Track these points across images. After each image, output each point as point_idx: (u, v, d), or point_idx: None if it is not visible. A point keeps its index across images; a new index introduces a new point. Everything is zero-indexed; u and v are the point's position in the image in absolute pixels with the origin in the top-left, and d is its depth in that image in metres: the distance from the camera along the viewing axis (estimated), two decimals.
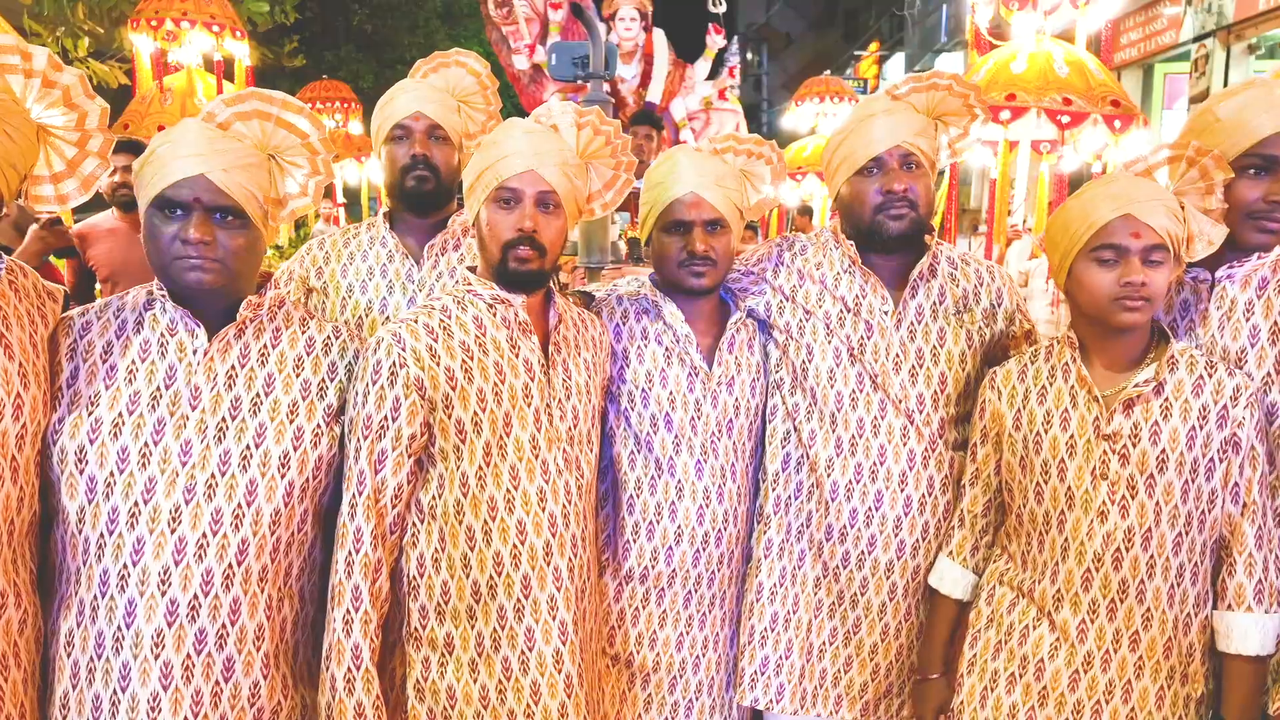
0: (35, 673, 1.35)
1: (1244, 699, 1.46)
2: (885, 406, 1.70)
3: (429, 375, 1.46)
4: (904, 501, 1.69)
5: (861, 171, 1.68)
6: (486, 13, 6.59)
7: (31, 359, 1.33)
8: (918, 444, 1.69)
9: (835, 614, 1.76)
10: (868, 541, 1.71)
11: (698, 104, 6.43)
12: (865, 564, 1.72)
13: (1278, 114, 1.48)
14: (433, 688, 1.51)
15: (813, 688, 1.77)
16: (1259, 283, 1.54)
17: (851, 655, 1.76)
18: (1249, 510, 1.44)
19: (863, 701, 1.78)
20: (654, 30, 6.11)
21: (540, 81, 6.37)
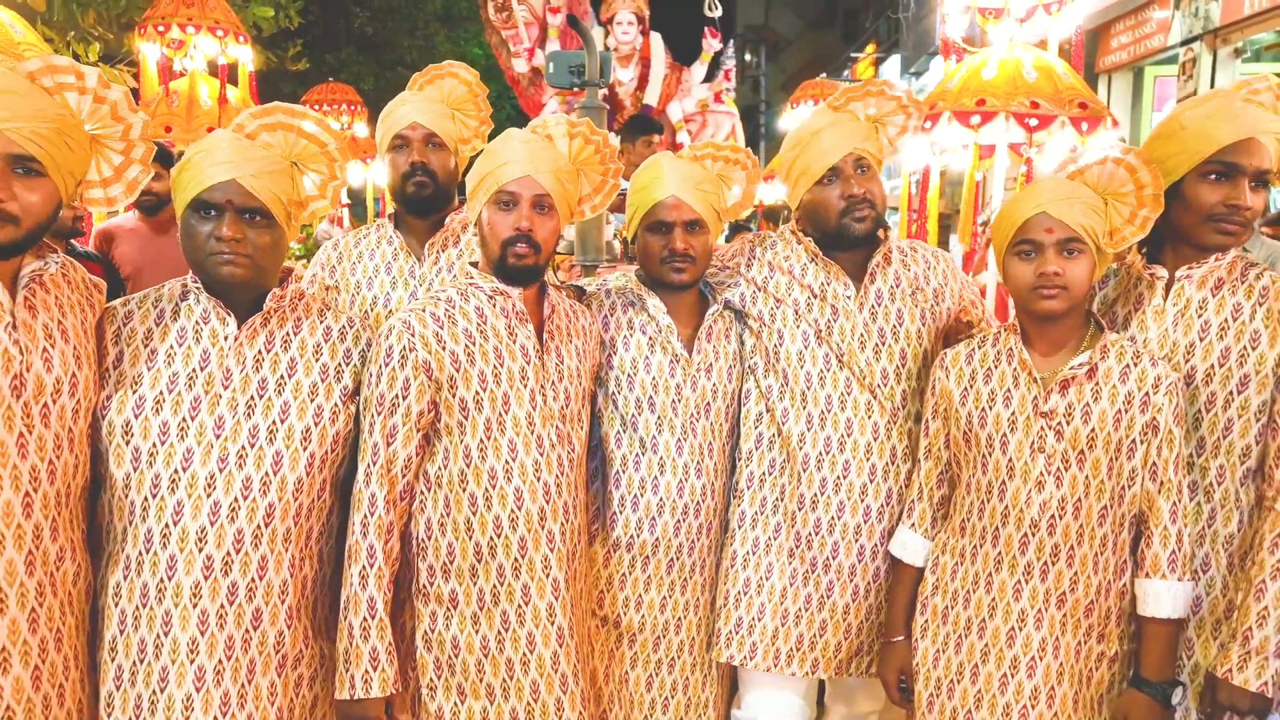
0: (85, 620, 1.52)
1: (1159, 658, 1.63)
2: (851, 383, 1.87)
3: (435, 358, 1.63)
4: (869, 469, 1.87)
5: (821, 181, 1.86)
6: (486, 17, 6.70)
7: (83, 343, 1.50)
8: (881, 416, 1.87)
9: (810, 581, 1.92)
10: (837, 508, 1.88)
11: (694, 106, 6.50)
12: (835, 529, 1.89)
13: (1238, 124, 1.62)
14: (439, 638, 1.69)
15: (788, 649, 1.93)
16: (1214, 282, 1.70)
17: (826, 619, 1.93)
18: (1165, 488, 1.61)
19: (837, 660, 1.95)
20: (651, 34, 6.23)
21: (539, 84, 6.42)
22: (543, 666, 1.68)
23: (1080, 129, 4.95)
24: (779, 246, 2.00)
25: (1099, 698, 1.67)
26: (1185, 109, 1.69)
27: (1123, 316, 1.78)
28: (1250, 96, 1.64)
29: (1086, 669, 1.65)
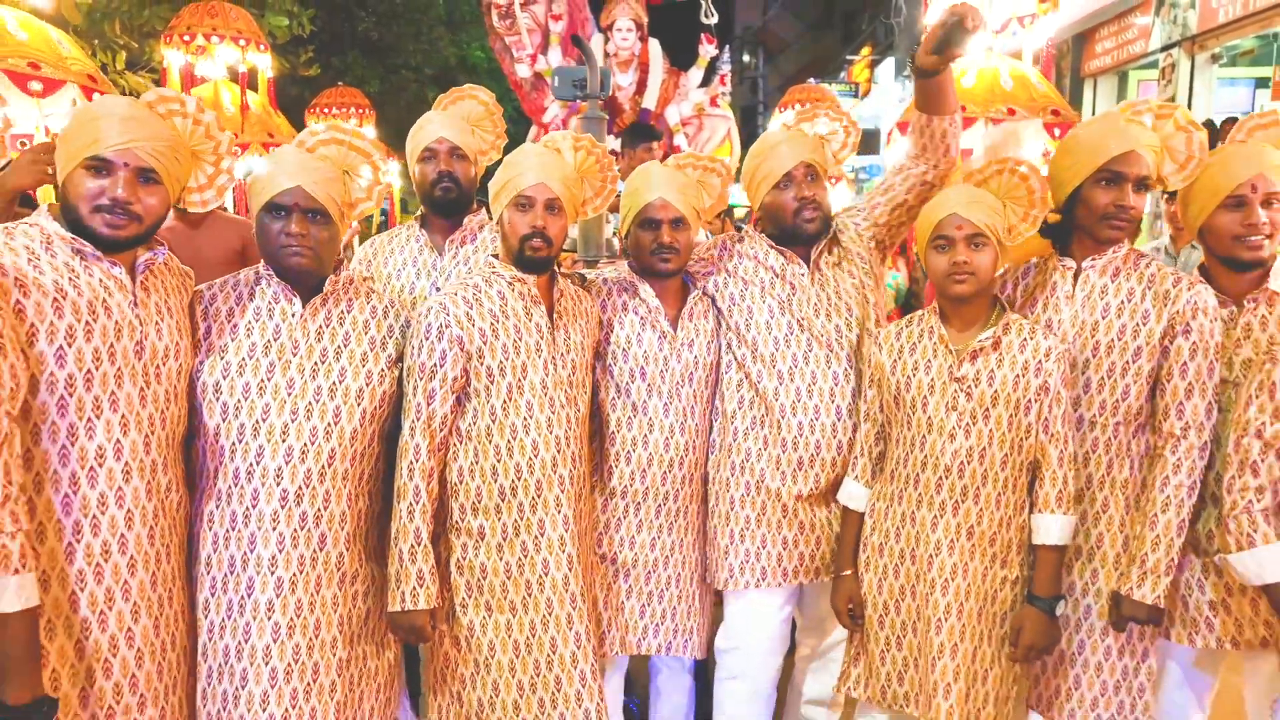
0: (185, 542, 1.87)
1: (1047, 578, 1.99)
2: (811, 343, 2.23)
3: (466, 333, 1.98)
4: (835, 410, 2.22)
5: (778, 186, 2.22)
6: (490, 23, 6.92)
7: (182, 318, 1.85)
8: (838, 366, 2.22)
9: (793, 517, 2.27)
10: (814, 446, 2.23)
11: (691, 110, 6.60)
12: (816, 463, 2.24)
13: (1122, 139, 1.97)
14: (469, 565, 2.04)
15: (789, 568, 2.29)
16: (1113, 271, 2.05)
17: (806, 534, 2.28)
18: (1054, 438, 1.96)
19: (817, 564, 2.30)
20: (649, 40, 6.39)
21: (541, 89, 6.59)
22: (555, 587, 2.03)
23: (1053, 134, 5.31)
24: (747, 241, 2.35)
25: (1003, 614, 2.02)
26: (1081, 128, 2.05)
27: (1042, 301, 2.12)
28: (1133, 117, 1.99)
29: (991, 589, 2.00)
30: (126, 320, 1.70)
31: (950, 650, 1.98)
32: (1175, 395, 1.94)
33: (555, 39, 6.42)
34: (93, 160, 1.64)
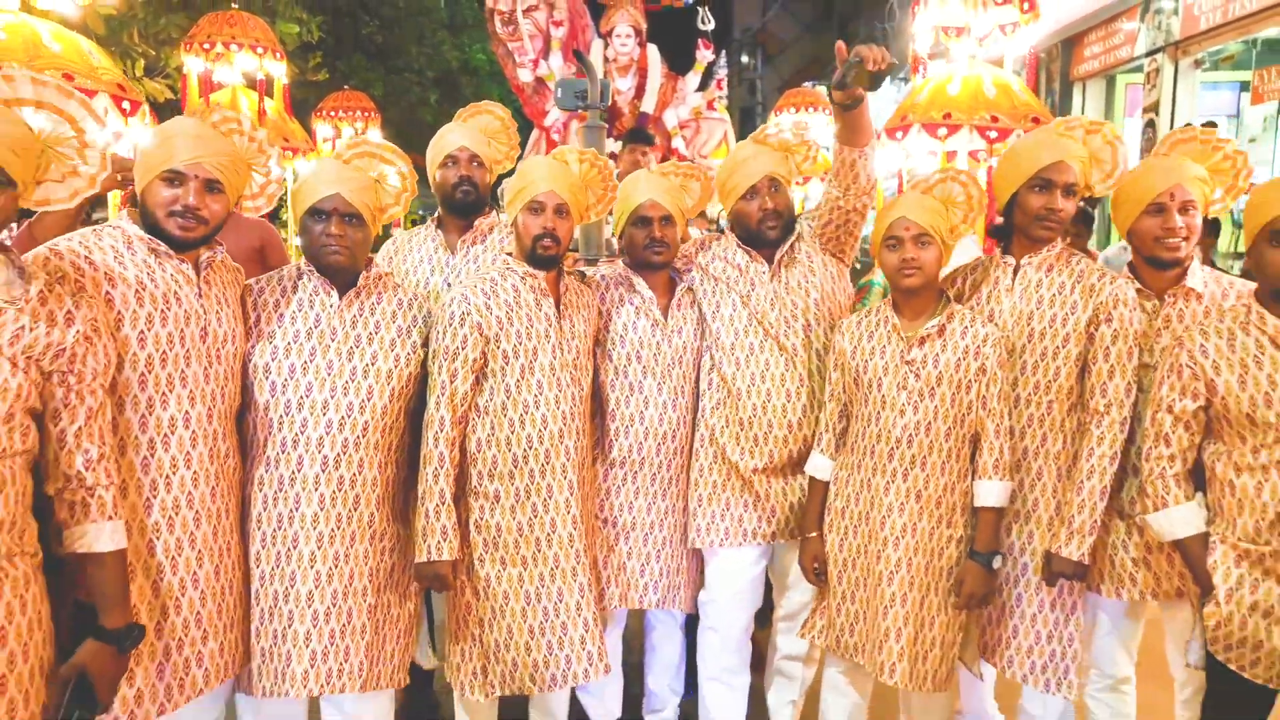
0: (239, 502, 2.15)
1: (986, 536, 2.28)
2: (764, 335, 2.51)
3: (485, 320, 2.27)
4: (785, 393, 2.51)
5: (744, 196, 2.51)
6: (494, 29, 7.17)
7: (236, 308, 2.14)
8: (788, 355, 2.51)
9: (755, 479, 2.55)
10: (767, 424, 2.52)
11: (688, 113, 6.88)
12: (769, 439, 2.52)
13: (1053, 150, 2.27)
14: (486, 524, 2.33)
15: (750, 529, 2.58)
16: (1046, 267, 2.34)
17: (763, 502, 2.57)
18: (991, 414, 2.25)
19: (774, 529, 2.59)
20: (648, 46, 6.62)
21: (543, 93, 6.84)
22: (562, 544, 2.32)
23: None
24: (721, 242, 2.65)
25: (948, 568, 2.30)
26: (1018, 141, 2.35)
27: (986, 293, 2.41)
28: (1065, 132, 2.28)
29: (938, 547, 2.29)
30: (193, 309, 1.99)
31: (900, 599, 2.27)
32: (1099, 376, 2.23)
33: (556, 44, 6.70)
34: (168, 173, 1.92)
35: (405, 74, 15.02)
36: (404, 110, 15.25)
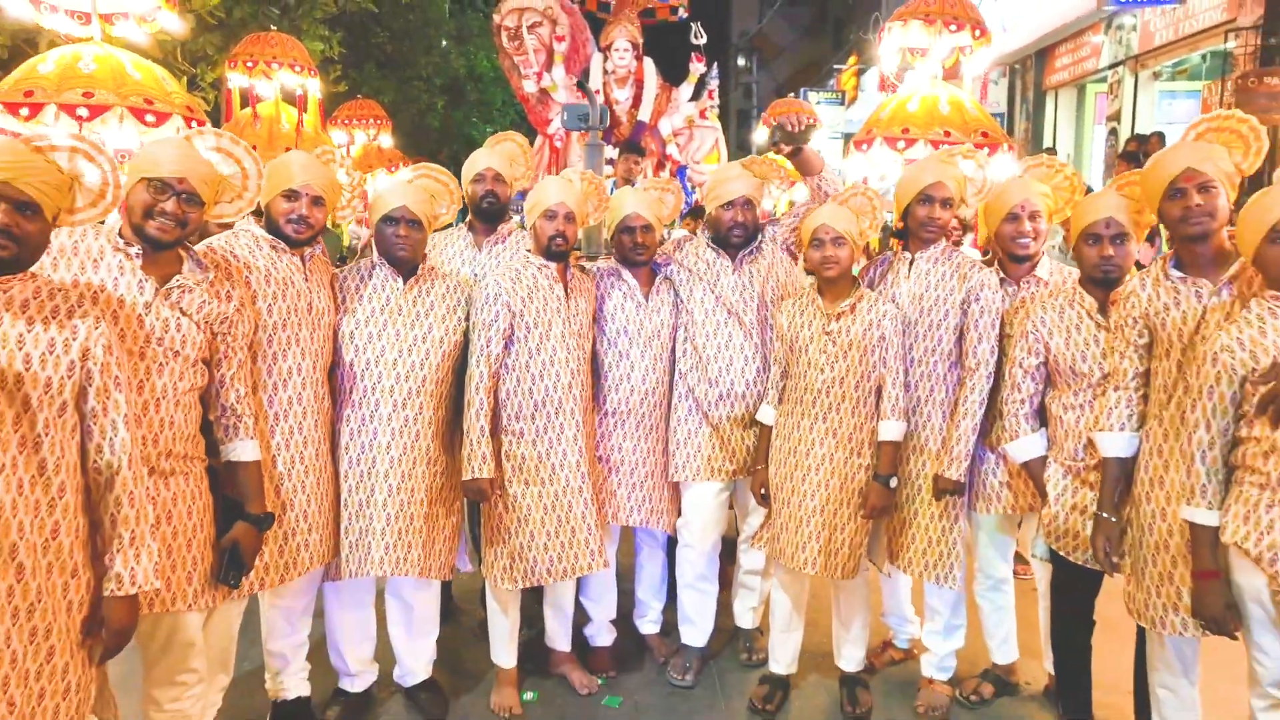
0: (330, 434, 2.90)
1: (887, 463, 3.02)
2: (729, 315, 3.26)
3: (511, 299, 3.02)
4: (743, 359, 3.26)
5: (721, 206, 3.25)
6: (500, 43, 7.75)
7: (328, 290, 2.89)
8: (744, 329, 3.25)
9: (717, 429, 3.30)
10: (728, 385, 3.27)
11: (682, 122, 7.30)
12: (730, 396, 3.27)
13: (934, 173, 3.02)
14: (513, 454, 3.08)
15: (716, 467, 3.32)
16: (933, 260, 3.09)
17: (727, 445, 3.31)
18: (889, 370, 2.99)
19: (735, 467, 3.33)
20: (644, 59, 7.14)
21: (546, 103, 7.37)
22: (571, 469, 3.07)
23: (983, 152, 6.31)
24: (695, 241, 3.40)
25: (858, 489, 3.04)
26: (910, 167, 3.10)
27: (890, 280, 3.16)
28: (946, 159, 3.04)
29: (850, 472, 3.03)
30: (302, 290, 2.75)
31: (819, 511, 3.03)
32: (971, 342, 2.98)
33: (559, 58, 7.10)
34: (287, 191, 2.68)
35: (414, 82, 15.77)
36: (412, 116, 15.98)
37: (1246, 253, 2.28)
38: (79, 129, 4.64)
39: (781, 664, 3.34)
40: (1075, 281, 2.83)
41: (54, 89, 4.61)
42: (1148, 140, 9.13)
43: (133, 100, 4.74)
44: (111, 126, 4.73)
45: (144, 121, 4.72)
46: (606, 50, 6.90)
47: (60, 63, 4.74)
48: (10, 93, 4.60)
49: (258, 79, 7.31)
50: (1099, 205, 2.70)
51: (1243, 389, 2.25)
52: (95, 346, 2.00)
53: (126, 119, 4.69)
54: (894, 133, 6.18)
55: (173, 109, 4.92)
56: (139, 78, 4.90)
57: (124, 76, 4.82)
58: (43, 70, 4.70)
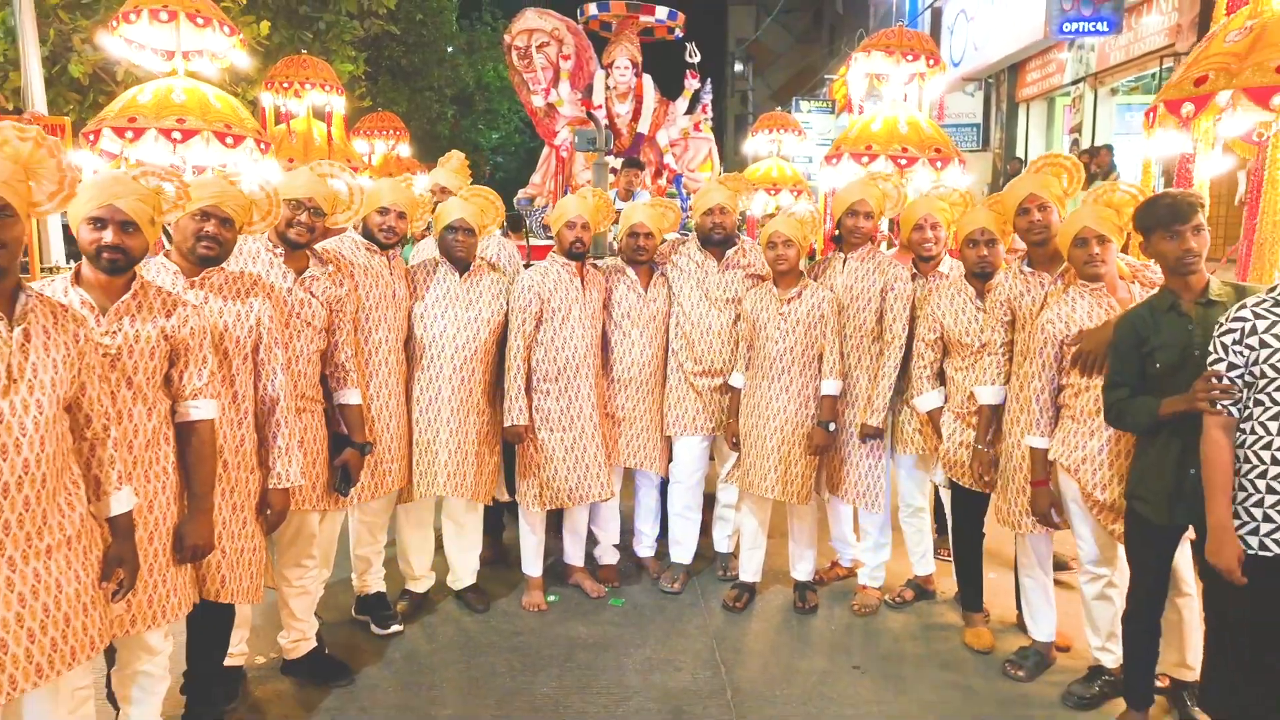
0: (406, 389, 3.86)
1: (826, 411, 3.96)
2: (710, 304, 4.19)
3: (541, 288, 3.97)
4: (720, 339, 4.20)
5: (704, 213, 4.20)
6: (511, 61, 8.48)
7: (405, 281, 3.84)
8: (724, 316, 4.19)
9: (702, 395, 4.26)
10: (709, 362, 4.21)
11: (678, 133, 8.12)
12: (710, 371, 4.21)
13: (860, 192, 3.98)
14: (540, 408, 4.03)
15: (699, 424, 4.27)
16: (860, 258, 4.04)
17: (707, 407, 4.26)
18: (828, 342, 3.92)
19: (712, 424, 4.28)
20: (643, 75, 7.77)
21: (553, 116, 8.02)
22: (586, 419, 4.02)
23: (935, 166, 7.25)
24: (687, 243, 4.34)
25: (806, 432, 3.98)
26: (842, 189, 4.05)
27: (828, 274, 4.11)
28: (870, 181, 3.99)
29: (800, 420, 3.97)
30: (388, 281, 3.70)
31: (775, 450, 3.98)
32: (888, 321, 3.94)
33: (565, 75, 7.86)
34: (380, 208, 3.63)
35: (426, 93, 16.74)
36: (424, 125, 16.93)
37: (1063, 254, 3.24)
38: (173, 149, 5.57)
39: (749, 573, 4.30)
40: (961, 275, 3.79)
41: (153, 116, 5.51)
42: (1098, 152, 10.08)
43: (215, 125, 5.65)
44: (198, 147, 5.66)
45: (224, 143, 5.64)
46: (609, 67, 7.57)
47: (156, 94, 5.64)
48: (116, 119, 5.51)
49: (289, 98, 8.16)
50: (975, 219, 3.66)
51: (1062, 349, 3.21)
52: (264, 316, 2.96)
53: (211, 141, 5.61)
54: (859, 149, 7.12)
55: (246, 133, 5.85)
56: (219, 107, 5.83)
57: (208, 105, 5.74)
58: (141, 100, 5.61)
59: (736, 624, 4.10)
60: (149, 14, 5.55)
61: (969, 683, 3.58)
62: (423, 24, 15.60)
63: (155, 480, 2.58)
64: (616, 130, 7.71)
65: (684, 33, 8.15)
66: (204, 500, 2.69)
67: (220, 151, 5.71)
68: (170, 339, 2.58)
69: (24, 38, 6.39)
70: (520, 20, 7.89)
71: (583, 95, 7.69)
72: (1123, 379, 2.88)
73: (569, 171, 7.95)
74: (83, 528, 2.28)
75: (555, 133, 7.97)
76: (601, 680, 3.56)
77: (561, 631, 3.98)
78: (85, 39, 7.36)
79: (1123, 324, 2.92)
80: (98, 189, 2.43)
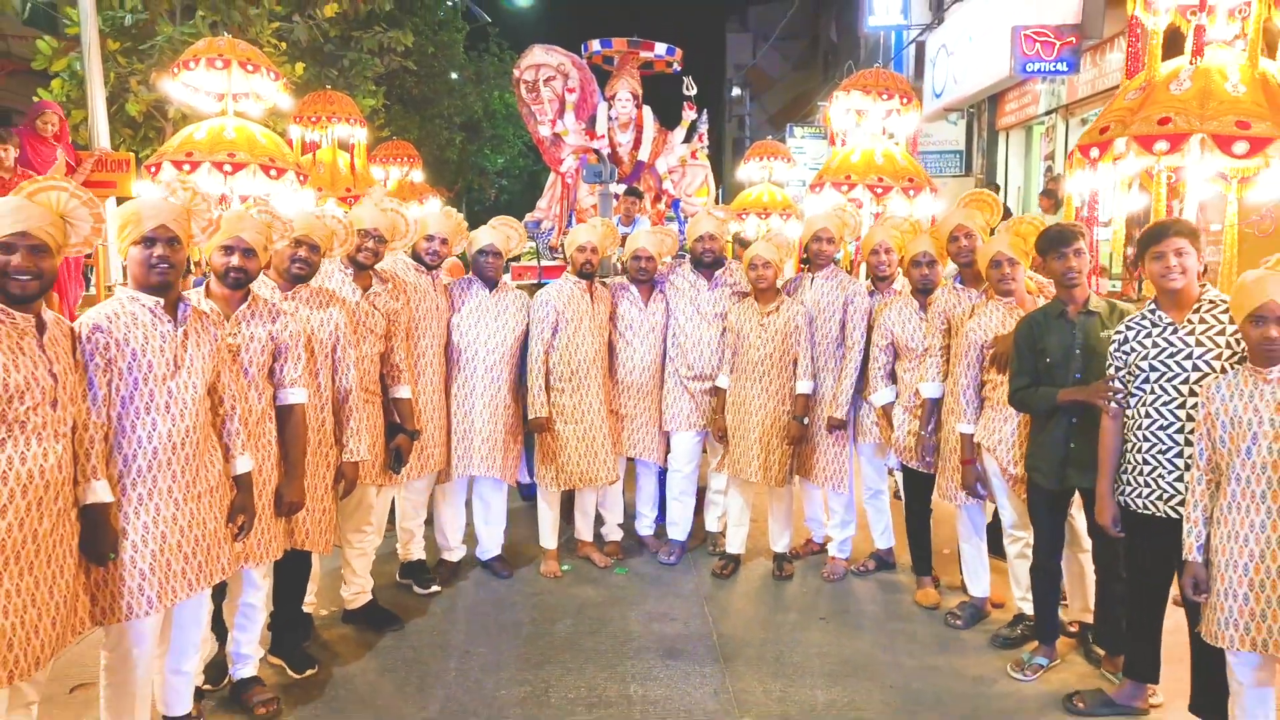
0: (447, 386, 4.61)
1: (800, 409, 4.72)
2: (701, 318, 4.93)
3: (557, 302, 4.72)
4: (710, 351, 4.94)
5: (696, 240, 4.96)
6: (520, 94, 9.14)
7: (446, 297, 4.60)
8: (714, 328, 4.93)
9: (693, 395, 5.00)
10: (700, 368, 4.94)
11: (676, 161, 8.65)
12: (701, 376, 4.94)
13: (823, 222, 4.76)
14: (558, 404, 4.77)
15: (693, 421, 5.01)
16: (825, 277, 4.80)
17: (698, 406, 5.00)
18: (801, 348, 4.67)
19: (703, 420, 5.02)
20: (644, 107, 8.28)
21: (559, 145, 8.56)
22: (594, 414, 4.77)
23: (908, 194, 8.02)
24: (682, 267, 5.09)
25: (782, 426, 4.72)
26: (808, 219, 4.82)
27: (799, 291, 4.87)
28: (831, 212, 4.76)
29: (777, 415, 4.71)
30: (433, 297, 4.46)
31: (758, 438, 4.72)
32: (849, 330, 4.69)
33: (570, 106, 8.43)
34: (427, 235, 4.39)
35: (436, 121, 17.59)
36: (434, 150, 17.76)
37: (983, 274, 4.00)
38: (224, 180, 6.31)
39: (734, 546, 5.02)
40: (908, 291, 4.55)
41: (207, 151, 6.27)
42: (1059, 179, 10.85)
43: (261, 159, 6.42)
44: (245, 178, 6.40)
45: (269, 175, 6.39)
46: (611, 99, 8.16)
47: (210, 132, 6.40)
48: (175, 153, 6.27)
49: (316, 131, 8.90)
50: (919, 243, 4.42)
51: (982, 352, 3.96)
52: (340, 323, 3.71)
53: (258, 173, 6.35)
54: (840, 179, 7.87)
55: (288, 166, 6.61)
56: (264, 143, 6.60)
57: (255, 142, 6.50)
58: (197, 137, 6.37)
59: (723, 588, 4.83)
60: (206, 62, 6.28)
61: (915, 630, 4.30)
62: (434, 56, 16.45)
63: (262, 450, 3.32)
64: (618, 158, 8.30)
65: (681, 66, 8.68)
66: (298, 467, 3.43)
67: (265, 182, 6.44)
68: (275, 339, 3.33)
69: (91, 83, 7.15)
70: (528, 56, 8.50)
71: (586, 125, 8.29)
72: (1023, 372, 3.63)
73: (573, 197, 8.60)
74: (219, 482, 3.02)
75: (561, 160, 8.54)
76: (609, 628, 4.28)
77: (574, 592, 4.71)
78: (140, 80, 8.13)
79: (1022, 327, 3.67)
80: (227, 224, 3.19)
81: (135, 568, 2.79)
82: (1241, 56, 4.14)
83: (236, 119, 6.60)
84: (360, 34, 11.67)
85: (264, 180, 6.38)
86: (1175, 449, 3.09)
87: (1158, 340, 3.12)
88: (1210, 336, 3.03)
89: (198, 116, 7.02)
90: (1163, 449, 3.12)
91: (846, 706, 3.59)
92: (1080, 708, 3.49)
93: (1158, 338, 3.13)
